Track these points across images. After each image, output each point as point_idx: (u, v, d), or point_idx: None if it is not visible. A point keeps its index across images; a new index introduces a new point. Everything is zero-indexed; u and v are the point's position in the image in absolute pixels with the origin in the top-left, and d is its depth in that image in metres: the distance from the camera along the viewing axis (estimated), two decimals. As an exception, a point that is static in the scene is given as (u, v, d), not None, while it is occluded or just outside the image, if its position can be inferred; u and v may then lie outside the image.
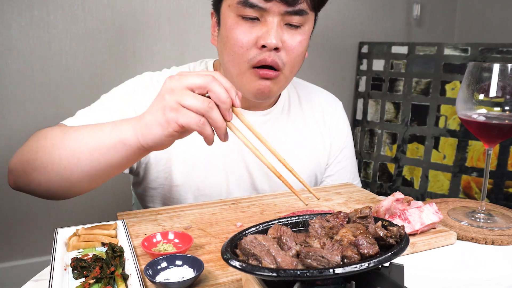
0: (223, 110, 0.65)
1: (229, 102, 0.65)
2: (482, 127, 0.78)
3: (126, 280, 0.58)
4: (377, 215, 0.78)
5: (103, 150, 0.72)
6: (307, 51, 0.95)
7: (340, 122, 1.14)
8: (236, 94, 0.66)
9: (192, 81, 0.65)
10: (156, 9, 1.94)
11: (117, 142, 0.71)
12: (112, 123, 0.74)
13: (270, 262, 0.47)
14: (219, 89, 0.64)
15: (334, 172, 1.13)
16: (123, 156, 0.72)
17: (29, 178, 0.80)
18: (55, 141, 0.77)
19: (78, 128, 0.78)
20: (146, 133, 0.68)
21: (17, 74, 1.75)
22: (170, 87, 0.65)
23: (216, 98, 0.64)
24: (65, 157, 0.75)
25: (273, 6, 0.82)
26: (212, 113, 0.64)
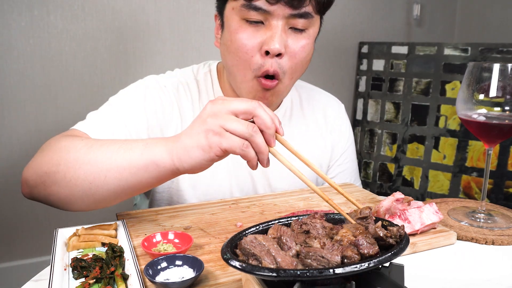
0: (267, 135, 0.64)
1: (274, 128, 0.64)
2: (482, 127, 0.78)
3: (126, 280, 0.58)
4: (377, 215, 0.78)
5: (133, 170, 0.70)
6: (312, 53, 0.94)
7: (342, 125, 1.14)
8: (279, 123, 0.66)
9: (237, 106, 0.64)
10: (156, 9, 1.94)
11: (149, 163, 0.69)
12: (142, 141, 0.72)
13: (270, 262, 0.47)
14: (265, 115, 0.63)
15: (335, 175, 1.13)
16: (153, 177, 0.70)
17: (47, 191, 0.77)
18: (79, 155, 0.74)
19: (105, 143, 0.75)
20: (184, 156, 0.66)
21: (17, 74, 1.75)
22: (213, 111, 0.64)
23: (262, 123, 0.63)
24: (91, 173, 0.72)
25: (277, 9, 0.81)
26: (256, 137, 0.63)
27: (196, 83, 1.01)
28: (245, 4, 0.82)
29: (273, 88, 0.88)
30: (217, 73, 1.02)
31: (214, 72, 1.02)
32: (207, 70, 1.03)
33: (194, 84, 1.01)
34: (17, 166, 1.80)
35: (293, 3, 0.81)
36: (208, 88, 1.00)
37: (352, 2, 2.42)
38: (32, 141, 1.81)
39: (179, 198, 0.98)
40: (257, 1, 0.81)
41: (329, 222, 0.58)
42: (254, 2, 0.81)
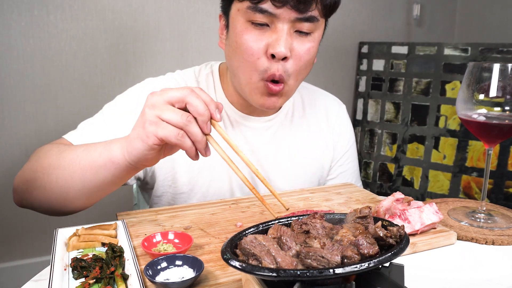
0: (200, 122, 0.66)
1: (207, 115, 0.66)
2: (482, 127, 0.78)
3: (126, 280, 0.58)
4: (377, 215, 0.78)
5: (94, 169, 0.74)
6: (315, 56, 0.94)
7: (343, 126, 1.14)
8: (216, 108, 0.67)
9: (171, 94, 0.66)
10: (156, 9, 1.94)
11: (106, 161, 0.73)
12: (104, 142, 0.76)
13: (270, 262, 0.47)
14: (196, 101, 0.65)
15: (336, 175, 1.13)
16: (113, 174, 0.74)
17: (31, 197, 0.83)
18: (51, 161, 0.79)
19: (73, 148, 0.80)
20: (130, 149, 0.69)
21: (17, 74, 1.75)
22: (151, 102, 0.67)
23: (193, 111, 0.65)
24: (62, 176, 0.77)
25: (283, 12, 0.81)
26: (190, 126, 0.65)
27: (197, 85, 1.01)
28: (251, 6, 0.81)
29: (280, 91, 0.88)
30: (219, 74, 1.01)
31: (216, 73, 1.01)
32: (209, 71, 1.02)
33: (194, 85, 1.00)
34: (17, 166, 1.80)
35: (299, 7, 0.80)
36: (210, 89, 1.00)
37: (352, 2, 2.42)
38: (32, 141, 1.81)
39: (178, 201, 0.99)
40: (263, 4, 0.80)
41: (329, 222, 0.58)
42: (260, 5, 0.81)
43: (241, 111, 0.99)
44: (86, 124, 0.92)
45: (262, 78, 0.86)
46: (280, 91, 0.88)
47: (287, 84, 0.88)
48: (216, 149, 0.69)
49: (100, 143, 0.76)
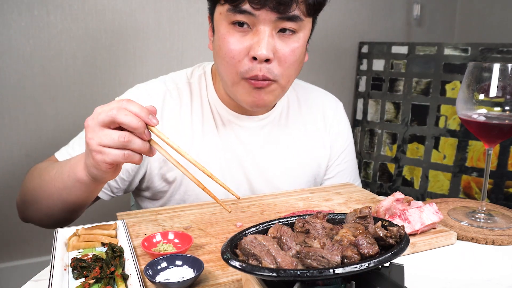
0: (138, 134, 0.67)
1: (141, 126, 0.66)
2: (482, 127, 0.78)
3: (126, 280, 0.58)
4: (377, 215, 0.78)
5: (67, 190, 0.79)
6: (306, 54, 0.94)
7: (340, 124, 1.13)
8: (149, 114, 0.67)
9: (101, 118, 0.67)
10: (156, 9, 1.94)
11: (75, 182, 0.77)
12: (69, 162, 0.80)
13: (270, 262, 0.47)
14: (126, 118, 0.65)
15: (334, 174, 1.12)
16: (84, 191, 0.78)
17: (28, 215, 0.92)
18: (35, 184, 0.87)
19: (50, 169, 0.85)
20: (90, 173, 0.73)
21: (17, 74, 1.75)
22: (89, 131, 0.68)
23: (128, 127, 0.66)
24: (44, 198, 0.84)
25: (263, 13, 0.80)
26: (132, 144, 0.67)
27: (188, 86, 1.01)
28: (231, 8, 0.82)
29: (266, 87, 0.87)
30: (211, 74, 1.01)
31: (208, 74, 1.02)
32: (201, 72, 1.03)
33: (186, 87, 1.00)
34: (16, 166, 1.80)
35: (279, 8, 0.80)
36: (202, 90, 1.00)
37: (352, 2, 2.42)
38: (32, 141, 1.81)
39: (172, 204, 0.99)
40: (242, 6, 0.81)
41: (329, 223, 0.58)
42: (239, 7, 0.81)
43: (233, 110, 0.99)
44: (77, 140, 0.96)
45: (243, 77, 0.86)
46: (266, 87, 0.87)
47: (278, 82, 0.87)
48: (161, 152, 0.70)
49: (67, 163, 0.80)
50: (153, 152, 0.70)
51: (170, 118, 0.97)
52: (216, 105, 0.99)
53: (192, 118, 0.98)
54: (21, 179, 0.97)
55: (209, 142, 0.98)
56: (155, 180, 0.97)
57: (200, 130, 0.98)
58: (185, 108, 0.98)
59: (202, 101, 0.99)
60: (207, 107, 0.99)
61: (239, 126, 1.00)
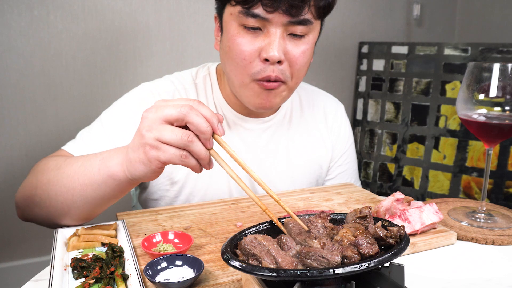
0: (203, 140, 0.62)
1: (209, 132, 0.62)
2: (482, 127, 0.78)
3: (126, 280, 0.58)
4: (377, 215, 0.78)
5: (95, 186, 0.72)
6: (312, 57, 0.94)
7: (342, 126, 1.14)
8: (218, 122, 0.63)
9: (168, 113, 0.62)
10: (156, 9, 1.94)
11: (106, 178, 0.71)
12: (100, 156, 0.73)
13: (270, 262, 0.47)
14: (196, 119, 0.61)
15: (335, 175, 1.13)
16: (114, 189, 0.72)
17: (32, 213, 0.82)
18: (50, 177, 0.78)
19: (70, 162, 0.78)
20: (131, 169, 0.67)
21: (17, 74, 1.75)
22: (148, 124, 0.63)
23: (195, 129, 0.61)
24: (61, 193, 0.76)
25: (275, 17, 0.80)
26: (193, 146, 0.62)
27: (194, 87, 1.00)
28: (243, 10, 0.81)
29: (276, 89, 0.87)
30: (216, 75, 1.01)
31: (213, 74, 1.01)
32: (206, 72, 1.02)
33: (192, 88, 1.00)
34: (16, 166, 1.80)
35: (291, 11, 0.79)
36: (208, 91, 1.00)
37: (352, 2, 2.42)
38: (32, 141, 1.81)
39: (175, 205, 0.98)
40: (255, 9, 0.80)
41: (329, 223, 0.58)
42: (252, 10, 0.80)
43: (238, 112, 0.99)
44: (85, 133, 0.92)
45: (254, 79, 0.85)
46: (276, 88, 0.87)
47: (287, 84, 0.87)
48: (220, 164, 0.64)
49: (97, 156, 0.74)
50: (210, 165, 0.65)
51: None
52: (221, 106, 0.99)
53: None
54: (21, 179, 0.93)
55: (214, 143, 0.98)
56: (159, 179, 0.97)
57: None
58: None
59: (208, 102, 0.99)
60: (212, 108, 0.99)
61: (244, 127, 1.00)
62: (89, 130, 0.93)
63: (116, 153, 0.71)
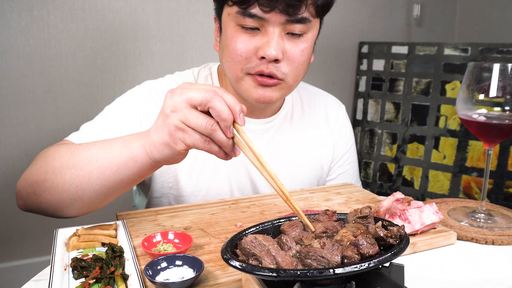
0: (223, 127, 0.62)
1: (230, 120, 0.62)
2: (482, 127, 0.78)
3: (126, 280, 0.58)
4: (377, 215, 0.78)
5: (114, 168, 0.71)
6: (312, 55, 0.94)
7: (343, 126, 1.14)
8: (240, 111, 0.63)
9: (193, 96, 0.62)
10: (156, 9, 1.94)
11: (128, 160, 0.70)
12: (121, 139, 0.73)
13: (270, 262, 0.47)
14: (220, 106, 0.61)
15: (336, 176, 1.13)
16: (134, 172, 0.71)
17: (39, 200, 0.79)
18: (64, 161, 0.76)
19: (86, 146, 0.76)
20: (155, 152, 0.67)
21: (17, 74, 1.75)
22: (172, 104, 0.63)
23: (216, 115, 0.61)
24: (76, 176, 0.74)
25: (273, 16, 0.80)
26: (215, 134, 0.62)
27: None
28: (240, 11, 0.81)
29: (273, 86, 0.87)
30: (218, 75, 1.01)
31: (215, 74, 1.01)
32: (207, 73, 1.02)
33: None
34: (17, 166, 1.80)
35: (288, 11, 0.80)
36: None
37: (352, 2, 2.42)
38: (32, 141, 1.81)
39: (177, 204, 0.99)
40: (251, 9, 0.80)
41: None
42: (249, 10, 0.80)
43: None
44: (89, 126, 0.92)
45: (248, 73, 0.85)
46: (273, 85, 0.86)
47: (285, 81, 0.87)
48: (245, 152, 0.64)
49: (116, 140, 0.73)
50: (236, 152, 0.65)
51: None
52: None
53: None
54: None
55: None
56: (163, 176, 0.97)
57: None
58: None
59: None
60: None
61: (245, 128, 1.00)
62: (93, 123, 0.92)
63: (138, 136, 0.71)
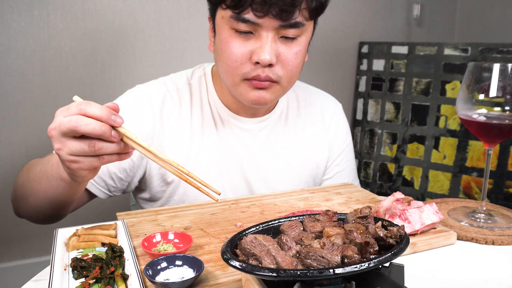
0: (106, 139, 0.61)
1: (107, 131, 0.60)
2: (482, 127, 0.78)
3: (126, 280, 0.58)
4: (377, 215, 0.78)
5: (53, 188, 0.77)
6: (306, 54, 0.94)
7: (339, 125, 1.13)
8: (111, 114, 0.61)
9: (62, 129, 0.61)
10: (156, 9, 1.94)
11: (59, 181, 0.74)
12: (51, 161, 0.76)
13: (270, 262, 0.47)
14: (87, 128, 0.59)
15: (333, 175, 1.12)
16: (69, 190, 0.76)
17: (22, 210, 0.90)
18: (23, 180, 0.86)
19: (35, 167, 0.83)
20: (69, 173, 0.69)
21: (17, 74, 1.75)
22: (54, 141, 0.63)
23: (92, 135, 0.60)
24: (30, 194, 0.83)
25: (266, 21, 0.80)
26: (104, 149, 0.62)
27: (188, 88, 1.01)
28: (234, 15, 0.81)
29: (268, 88, 0.87)
30: (212, 76, 1.01)
31: (208, 75, 1.02)
32: (202, 73, 1.03)
33: (186, 88, 1.00)
34: (16, 166, 1.80)
35: (282, 16, 0.79)
36: (202, 91, 1.00)
37: (352, 2, 2.42)
38: (32, 141, 1.81)
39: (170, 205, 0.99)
40: (245, 14, 0.80)
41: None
42: (242, 15, 0.80)
43: (234, 112, 0.99)
44: None
45: (244, 78, 0.86)
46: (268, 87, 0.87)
47: (280, 83, 0.88)
48: (137, 148, 0.64)
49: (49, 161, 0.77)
50: (129, 153, 0.65)
51: (170, 118, 0.97)
52: (216, 106, 0.99)
53: (191, 119, 0.98)
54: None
55: (208, 143, 0.98)
56: (154, 180, 0.97)
57: (200, 130, 0.98)
58: (185, 109, 0.98)
59: (202, 102, 1.00)
60: (207, 108, 0.99)
61: (239, 127, 1.00)
62: None
63: None
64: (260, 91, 0.87)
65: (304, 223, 0.58)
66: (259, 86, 0.86)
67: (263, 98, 0.88)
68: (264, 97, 0.88)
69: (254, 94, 0.87)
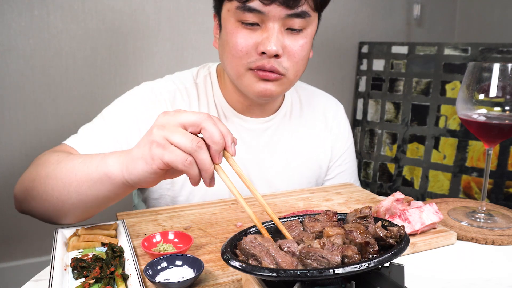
0: (213, 151, 0.60)
1: (222, 144, 0.59)
2: (482, 127, 0.78)
3: (126, 280, 0.58)
4: (377, 215, 0.78)
5: (90, 183, 0.70)
6: (311, 51, 0.94)
7: (341, 126, 1.14)
8: (232, 141, 0.61)
9: (186, 117, 0.60)
10: (156, 9, 1.94)
11: (103, 176, 0.68)
12: (102, 154, 0.71)
13: (269, 262, 0.47)
14: (213, 128, 0.59)
15: (334, 175, 1.13)
16: (108, 190, 0.69)
17: (29, 206, 0.80)
18: (49, 171, 0.76)
19: (72, 158, 0.76)
20: (131, 167, 0.64)
21: (17, 74, 1.75)
22: (162, 123, 0.61)
23: (208, 137, 0.59)
24: (57, 188, 0.73)
25: (272, 10, 0.80)
26: (200, 153, 0.59)
27: (195, 87, 1.00)
28: (240, 6, 0.81)
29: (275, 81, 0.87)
30: (217, 75, 1.01)
31: (214, 74, 1.01)
32: (206, 72, 1.02)
33: (193, 88, 1.00)
34: (17, 166, 1.80)
35: (288, 3, 0.80)
36: (208, 91, 1.00)
37: (352, 2, 2.42)
38: (32, 141, 1.81)
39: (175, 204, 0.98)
40: (251, 3, 0.80)
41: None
42: (248, 4, 0.80)
43: (239, 112, 0.99)
44: (87, 129, 0.92)
45: (249, 68, 0.85)
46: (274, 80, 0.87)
47: (286, 76, 0.88)
48: (225, 181, 0.61)
49: (99, 154, 0.72)
50: (212, 183, 0.62)
51: None
52: (222, 106, 0.99)
53: None
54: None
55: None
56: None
57: None
58: (194, 108, 0.99)
59: (208, 102, 0.99)
60: (213, 108, 0.99)
61: (244, 127, 1.00)
62: (91, 126, 0.92)
63: (117, 152, 0.69)
64: (267, 83, 0.87)
65: (304, 223, 0.58)
66: (265, 77, 0.85)
67: (269, 90, 0.87)
68: (270, 89, 0.87)
69: (260, 86, 0.87)
